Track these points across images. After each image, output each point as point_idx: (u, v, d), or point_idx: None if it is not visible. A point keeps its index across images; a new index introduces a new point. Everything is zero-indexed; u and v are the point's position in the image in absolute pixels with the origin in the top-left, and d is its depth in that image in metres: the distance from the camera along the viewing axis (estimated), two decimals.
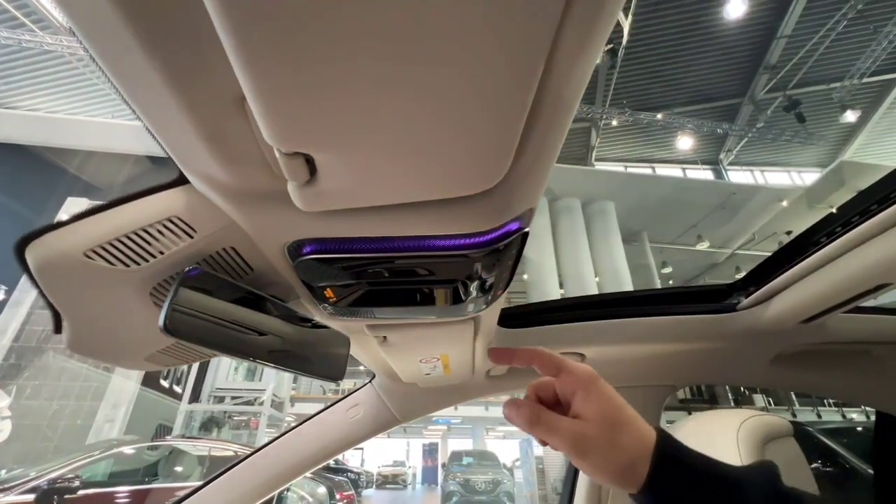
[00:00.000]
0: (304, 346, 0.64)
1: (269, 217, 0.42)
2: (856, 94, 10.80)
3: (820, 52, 10.02)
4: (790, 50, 10.10)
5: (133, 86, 0.31)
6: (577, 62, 0.32)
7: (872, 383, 1.16)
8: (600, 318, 1.05)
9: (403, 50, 0.26)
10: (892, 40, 9.22)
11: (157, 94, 0.30)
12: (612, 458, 0.43)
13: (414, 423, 11.36)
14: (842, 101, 10.66)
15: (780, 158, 13.45)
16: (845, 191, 10.91)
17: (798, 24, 9.62)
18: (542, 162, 0.41)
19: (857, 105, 10.98)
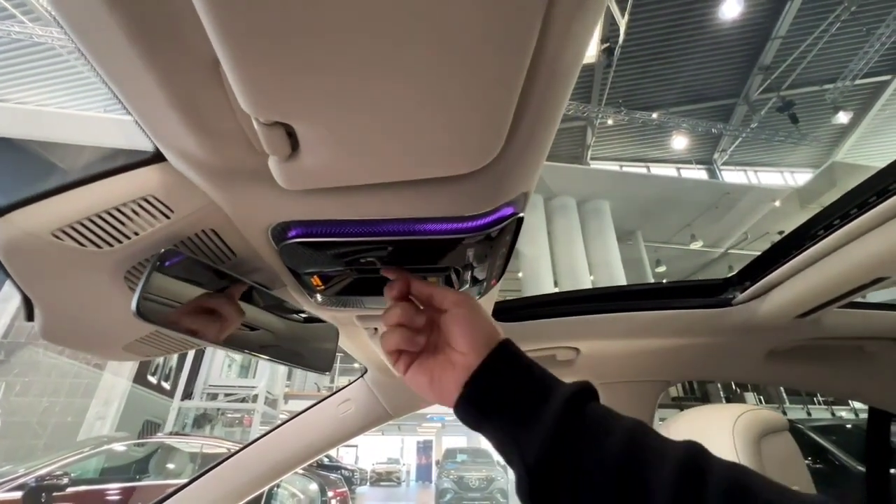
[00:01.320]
0: (295, 335, 0.62)
1: (250, 197, 0.40)
2: (848, 96, 10.90)
3: (813, 53, 10.09)
4: (784, 51, 10.16)
5: (96, 46, 0.29)
6: (569, 39, 0.30)
7: (865, 379, 1.16)
8: (595, 313, 1.04)
9: (388, 12, 0.24)
10: (884, 42, 9.30)
11: (122, 56, 0.28)
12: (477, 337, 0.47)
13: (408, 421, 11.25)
14: (834, 102, 10.75)
15: (773, 159, 13.55)
16: (836, 191, 10.99)
17: (792, 26, 9.67)
18: (536, 142, 0.40)
19: (849, 106, 11.08)
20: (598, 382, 1.22)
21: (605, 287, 1.11)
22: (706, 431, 0.83)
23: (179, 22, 0.27)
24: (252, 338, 0.54)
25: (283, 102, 0.29)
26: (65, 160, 9.32)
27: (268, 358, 0.55)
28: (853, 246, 0.75)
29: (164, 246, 0.45)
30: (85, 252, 0.43)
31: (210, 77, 0.30)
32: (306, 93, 0.28)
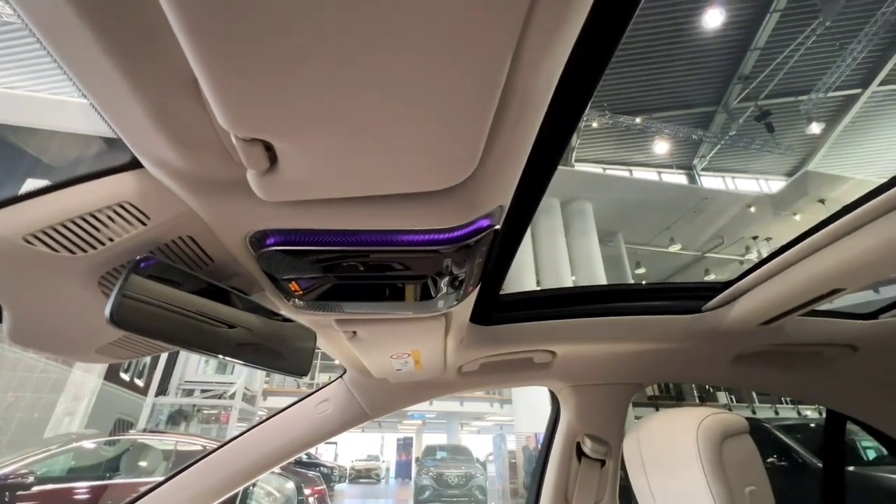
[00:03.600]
0: (272, 339, 0.62)
1: (228, 206, 0.41)
2: (821, 107, 11.31)
3: (790, 65, 10.43)
4: (763, 62, 10.48)
5: (74, 60, 0.29)
6: (542, 63, 0.32)
7: (823, 383, 1.22)
8: (572, 317, 1.06)
9: (365, 35, 0.25)
10: (855, 57, 9.68)
11: (101, 71, 0.28)
12: None
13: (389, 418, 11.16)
14: (808, 113, 11.15)
15: (750, 166, 13.98)
16: (808, 200, 11.44)
17: (771, 37, 9.98)
18: (510, 160, 0.41)
19: (821, 118, 11.50)
20: (573, 385, 1.25)
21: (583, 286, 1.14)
22: (672, 435, 0.86)
23: (160, 42, 0.27)
24: (229, 342, 0.54)
25: (261, 121, 0.29)
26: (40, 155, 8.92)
27: (245, 363, 0.56)
28: (813, 259, 0.79)
29: (140, 252, 0.45)
30: (57, 257, 0.43)
31: (189, 93, 0.30)
32: (285, 112, 0.29)
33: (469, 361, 1.10)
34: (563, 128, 0.46)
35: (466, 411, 16.39)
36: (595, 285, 1.27)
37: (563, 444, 1.26)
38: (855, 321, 1.08)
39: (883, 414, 1.24)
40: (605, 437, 1.24)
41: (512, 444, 10.93)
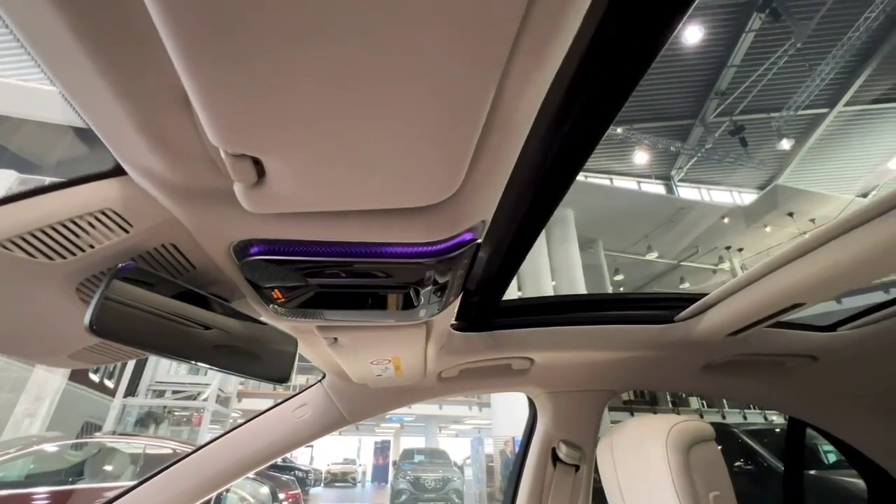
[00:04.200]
0: (251, 342, 0.61)
1: (213, 216, 0.41)
2: (791, 125, 11.81)
3: (763, 83, 10.86)
4: (738, 78, 10.89)
5: (62, 70, 0.29)
6: (527, 87, 0.33)
7: (786, 391, 1.28)
8: (550, 325, 1.09)
9: (356, 59, 0.26)
10: (823, 78, 10.16)
11: (90, 82, 0.28)
12: None
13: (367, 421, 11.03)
14: (779, 129, 11.63)
15: (724, 178, 14.47)
16: (777, 213, 11.91)
17: (746, 56, 10.38)
18: (494, 177, 0.43)
19: (791, 134, 12.01)
20: (549, 391, 1.28)
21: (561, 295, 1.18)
22: (643, 441, 0.89)
23: (152, 58, 0.27)
24: (208, 349, 0.53)
25: (250, 138, 0.30)
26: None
27: (225, 370, 0.55)
28: (776, 275, 0.83)
29: (120, 259, 0.45)
30: (35, 263, 0.42)
31: (179, 108, 0.31)
32: (275, 130, 0.29)
33: (449, 367, 1.11)
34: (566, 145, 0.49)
35: (445, 415, 16.39)
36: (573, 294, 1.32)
37: (539, 450, 1.29)
38: (815, 333, 1.14)
39: (839, 421, 1.31)
40: (580, 443, 1.27)
41: (489, 448, 10.97)
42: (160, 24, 0.22)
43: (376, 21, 0.24)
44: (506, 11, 0.24)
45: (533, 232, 0.69)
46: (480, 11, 0.24)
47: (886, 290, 4.62)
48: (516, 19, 0.25)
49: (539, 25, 0.27)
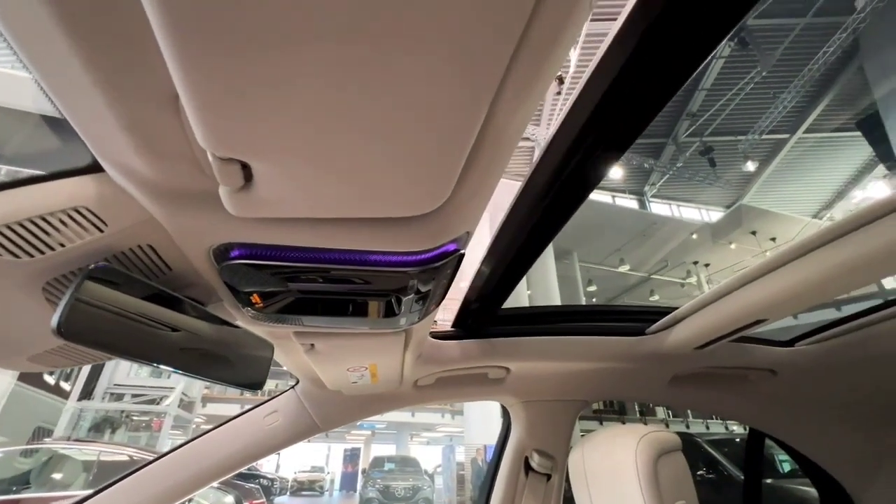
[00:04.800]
0: (223, 346, 0.60)
1: (195, 218, 0.40)
2: (756, 148, 12.44)
3: (731, 107, 11.42)
4: (709, 101, 11.42)
5: (42, 60, 0.28)
6: (518, 110, 0.34)
7: (747, 403, 1.34)
8: (527, 335, 1.10)
9: (353, 71, 0.26)
10: (786, 106, 10.76)
11: (72, 75, 0.28)
12: None
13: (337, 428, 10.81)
14: (745, 152, 12.23)
15: (694, 196, 15.07)
16: (742, 231, 12.47)
17: (716, 80, 10.90)
18: (482, 190, 0.43)
19: (756, 157, 12.64)
20: (524, 400, 1.29)
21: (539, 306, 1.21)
22: (614, 451, 0.92)
23: (143, 57, 0.27)
24: (181, 354, 0.52)
25: (241, 143, 0.29)
26: None
27: (194, 374, 0.54)
28: (741, 291, 0.87)
29: (93, 259, 0.43)
30: (0, 260, 0.40)
31: (168, 108, 0.30)
32: (267, 137, 0.29)
33: (425, 376, 1.11)
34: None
35: (417, 422, 16.23)
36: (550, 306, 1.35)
37: (512, 459, 1.29)
38: (775, 348, 1.20)
39: (795, 432, 1.37)
40: (552, 452, 1.29)
41: (461, 456, 10.92)
42: (156, 24, 0.22)
43: (375, 37, 0.24)
44: (502, 34, 0.25)
45: (539, 246, 0.74)
46: (478, 34, 0.25)
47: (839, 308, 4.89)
48: (512, 41, 0.26)
49: (535, 47, 0.28)
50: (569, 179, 0.55)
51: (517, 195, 0.63)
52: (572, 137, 0.49)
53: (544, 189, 0.58)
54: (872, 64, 7.94)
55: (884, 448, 1.30)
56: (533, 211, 0.63)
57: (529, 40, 0.27)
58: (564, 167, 0.53)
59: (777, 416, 1.36)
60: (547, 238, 0.72)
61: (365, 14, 0.22)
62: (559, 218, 0.66)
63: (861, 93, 9.47)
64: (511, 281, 0.86)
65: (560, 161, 0.53)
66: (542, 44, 0.28)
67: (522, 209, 0.64)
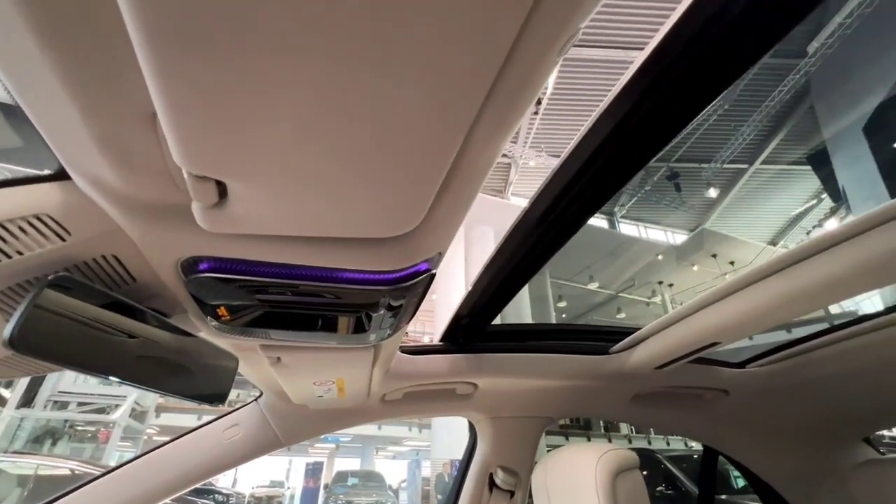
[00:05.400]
0: (185, 356, 0.58)
1: (165, 230, 0.39)
2: (718, 176, 13.15)
3: (696, 136, 12.07)
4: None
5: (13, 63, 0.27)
6: (492, 141, 0.36)
7: (702, 422, 1.40)
8: (497, 351, 1.12)
9: (334, 96, 0.27)
10: (745, 139, 11.48)
11: (45, 82, 0.27)
12: None
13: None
14: (707, 179, 12.91)
15: (661, 218, 15.72)
16: (703, 254, 13.07)
17: None
18: (455, 213, 0.45)
19: (717, 184, 13.36)
20: (491, 416, 1.30)
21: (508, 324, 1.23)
22: (575, 468, 0.94)
23: (122, 73, 0.27)
24: (138, 363, 0.50)
25: (218, 163, 0.30)
26: None
27: (154, 388, 0.52)
28: (698, 315, 0.92)
29: (52, 268, 0.41)
30: None
31: (144, 124, 0.30)
32: (246, 157, 0.30)
33: (393, 390, 1.10)
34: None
35: (384, 435, 15.90)
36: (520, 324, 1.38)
37: (477, 475, 1.30)
38: (728, 369, 1.26)
39: (744, 450, 1.44)
40: (517, 469, 1.30)
41: (427, 471, 10.75)
42: (138, 44, 0.22)
43: (354, 64, 0.25)
44: (480, 71, 0.27)
45: (533, 267, 0.79)
46: (456, 69, 0.26)
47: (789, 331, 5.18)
48: (489, 78, 0.28)
49: (510, 84, 0.30)
50: (562, 215, 0.63)
51: (515, 222, 0.69)
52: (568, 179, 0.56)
53: (539, 220, 0.65)
54: (821, 104, 8.59)
55: (827, 467, 1.38)
56: (528, 238, 0.70)
57: (505, 77, 0.29)
58: (558, 204, 0.61)
59: (729, 434, 1.42)
60: (538, 264, 0.78)
61: (345, 42, 0.23)
62: (550, 248, 0.73)
63: (812, 130, 10.20)
64: (502, 300, 0.91)
65: (555, 198, 0.60)
66: (517, 82, 0.30)
67: (518, 235, 0.70)
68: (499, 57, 0.26)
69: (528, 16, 0.24)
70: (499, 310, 0.97)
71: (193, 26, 0.22)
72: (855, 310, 7.17)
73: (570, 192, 0.58)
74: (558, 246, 0.73)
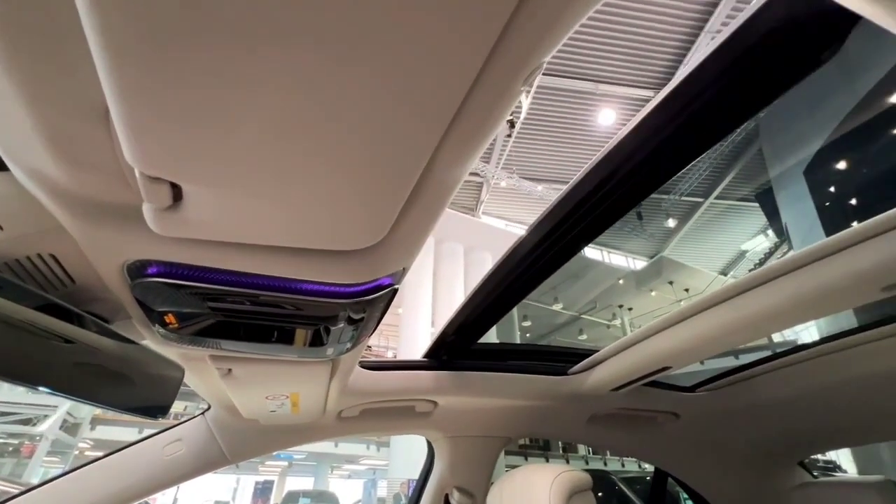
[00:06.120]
0: (125, 364, 0.54)
1: (112, 231, 0.37)
2: (676, 207, 13.91)
3: None
4: None
5: None
6: (458, 162, 0.37)
7: (653, 444, 1.44)
8: (458, 370, 1.12)
9: (298, 102, 0.26)
10: (700, 174, 12.27)
11: None
12: None
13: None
14: (667, 210, 13.64)
15: (622, 244, 16.39)
16: (661, 280, 13.69)
17: None
18: (420, 229, 0.45)
19: (675, 215, 14.12)
20: (450, 435, 1.29)
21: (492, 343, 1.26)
22: (529, 490, 0.94)
23: (78, 66, 0.26)
24: (73, 371, 0.46)
25: (175, 165, 0.29)
26: None
27: (89, 400, 0.48)
28: (650, 340, 0.96)
29: None
30: None
31: (96, 120, 0.29)
32: (203, 160, 0.29)
33: (350, 407, 1.07)
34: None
35: (340, 453, 15.34)
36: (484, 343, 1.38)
37: (433, 495, 1.27)
38: (679, 392, 1.31)
39: (691, 472, 1.49)
40: (473, 490, 1.29)
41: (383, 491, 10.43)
42: (92, 38, 0.22)
43: (321, 74, 0.25)
44: (445, 97, 0.28)
45: (523, 291, 0.85)
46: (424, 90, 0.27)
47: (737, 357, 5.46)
48: (455, 104, 0.29)
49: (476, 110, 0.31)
50: (558, 243, 0.68)
51: (512, 246, 0.74)
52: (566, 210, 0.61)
53: (535, 247, 0.70)
54: (768, 147, 9.30)
55: (766, 489, 1.44)
56: (522, 262, 0.75)
57: (472, 102, 0.30)
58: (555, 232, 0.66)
59: (678, 456, 1.47)
60: (528, 289, 0.84)
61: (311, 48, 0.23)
62: (542, 274, 0.78)
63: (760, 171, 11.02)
64: (491, 320, 0.97)
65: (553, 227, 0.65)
66: (484, 107, 0.31)
67: (514, 260, 0.75)
68: (465, 82, 0.27)
69: (494, 47, 0.25)
70: (486, 329, 1.02)
71: (150, 16, 0.21)
72: (794, 339, 7.67)
73: (568, 223, 0.63)
74: (550, 272, 0.78)
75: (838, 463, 9.08)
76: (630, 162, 0.52)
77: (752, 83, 0.41)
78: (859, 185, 5.35)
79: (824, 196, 5.69)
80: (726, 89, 0.41)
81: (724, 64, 0.39)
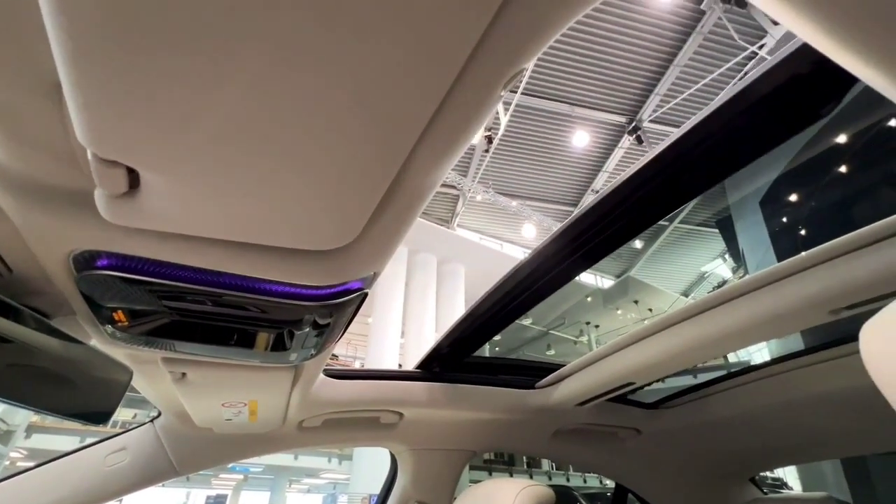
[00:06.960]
0: (67, 366, 0.50)
1: (58, 217, 0.34)
2: None
3: None
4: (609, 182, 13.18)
5: None
6: (432, 166, 0.37)
7: (615, 459, 1.46)
8: (423, 379, 1.10)
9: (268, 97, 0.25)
10: None
11: None
12: None
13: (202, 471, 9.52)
14: None
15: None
16: (627, 299, 14.12)
17: (618, 165, 12.67)
18: (392, 234, 0.44)
19: (642, 237, 14.67)
20: (414, 448, 1.26)
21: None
22: (493, 502, 0.93)
23: (25, 35, 0.24)
24: (10, 378, 0.43)
25: (131, 146, 0.27)
26: None
27: (24, 404, 0.44)
28: (615, 357, 0.98)
29: None
30: None
31: (46, 95, 0.27)
32: (163, 142, 0.27)
33: (312, 416, 1.04)
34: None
35: (300, 466, 14.77)
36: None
37: None
38: (641, 409, 1.34)
39: (650, 487, 1.52)
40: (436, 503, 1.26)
41: None
42: (45, 4, 0.20)
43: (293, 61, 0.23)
44: (421, 104, 0.28)
45: (519, 310, 0.91)
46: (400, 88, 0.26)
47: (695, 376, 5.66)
48: (427, 113, 0.28)
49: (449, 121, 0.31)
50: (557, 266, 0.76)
51: (514, 268, 0.81)
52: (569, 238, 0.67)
53: (535, 269, 0.77)
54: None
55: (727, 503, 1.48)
56: (522, 283, 0.81)
57: (449, 106, 0.30)
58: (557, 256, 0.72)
59: (638, 472, 1.50)
60: (524, 308, 0.92)
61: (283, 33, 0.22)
62: (539, 296, 0.87)
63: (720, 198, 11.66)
64: (485, 336, 1.04)
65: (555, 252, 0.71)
66: (461, 112, 0.31)
67: (513, 280, 0.82)
68: (443, 86, 0.27)
69: (475, 50, 0.25)
70: (480, 344, 1.08)
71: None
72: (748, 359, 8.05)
73: (568, 249, 0.70)
74: (547, 294, 0.86)
75: (785, 480, 9.51)
76: (631, 199, 0.57)
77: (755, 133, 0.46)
78: (808, 215, 5.74)
79: (777, 225, 6.07)
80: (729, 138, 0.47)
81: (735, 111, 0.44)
